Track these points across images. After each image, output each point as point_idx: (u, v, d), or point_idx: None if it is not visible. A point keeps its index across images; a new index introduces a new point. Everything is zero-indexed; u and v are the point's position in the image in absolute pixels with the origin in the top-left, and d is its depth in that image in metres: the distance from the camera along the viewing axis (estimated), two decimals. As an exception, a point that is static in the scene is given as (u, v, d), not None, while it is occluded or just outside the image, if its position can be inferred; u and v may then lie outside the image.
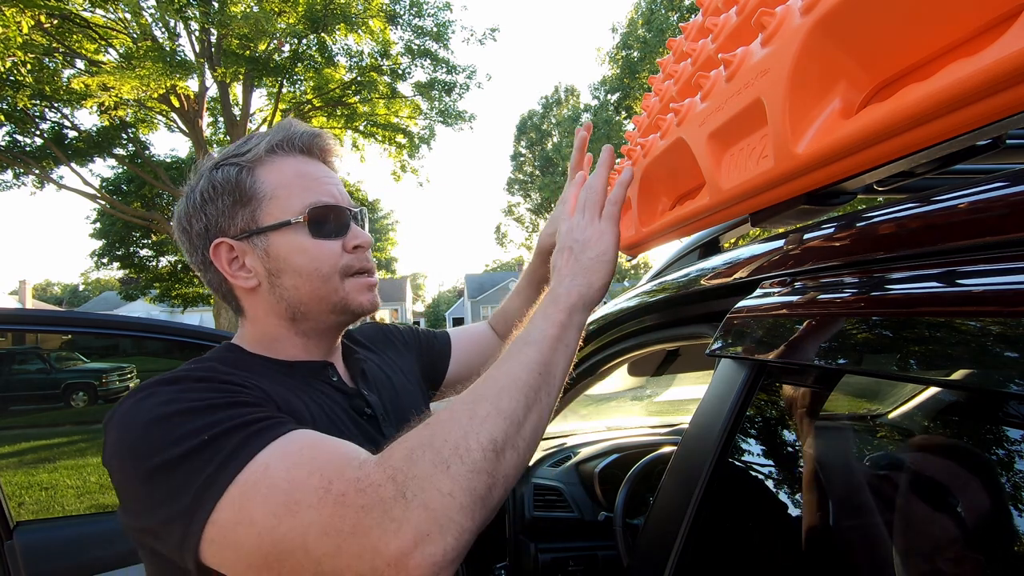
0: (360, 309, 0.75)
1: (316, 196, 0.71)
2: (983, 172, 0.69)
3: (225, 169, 0.70)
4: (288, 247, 0.70)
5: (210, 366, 0.65)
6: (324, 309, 0.73)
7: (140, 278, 17.48)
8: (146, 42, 9.57)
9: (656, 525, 0.68)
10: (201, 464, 0.49)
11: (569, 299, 0.65)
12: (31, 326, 1.91)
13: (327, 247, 0.71)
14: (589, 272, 0.67)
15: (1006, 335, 0.31)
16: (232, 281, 0.72)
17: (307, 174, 0.72)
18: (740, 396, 0.60)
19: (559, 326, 0.62)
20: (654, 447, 1.66)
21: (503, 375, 0.56)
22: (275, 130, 0.74)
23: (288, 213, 0.70)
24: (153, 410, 0.54)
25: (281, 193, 0.70)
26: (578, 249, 0.69)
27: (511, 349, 0.61)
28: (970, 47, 0.33)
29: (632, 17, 21.76)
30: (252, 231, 0.70)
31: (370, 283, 0.76)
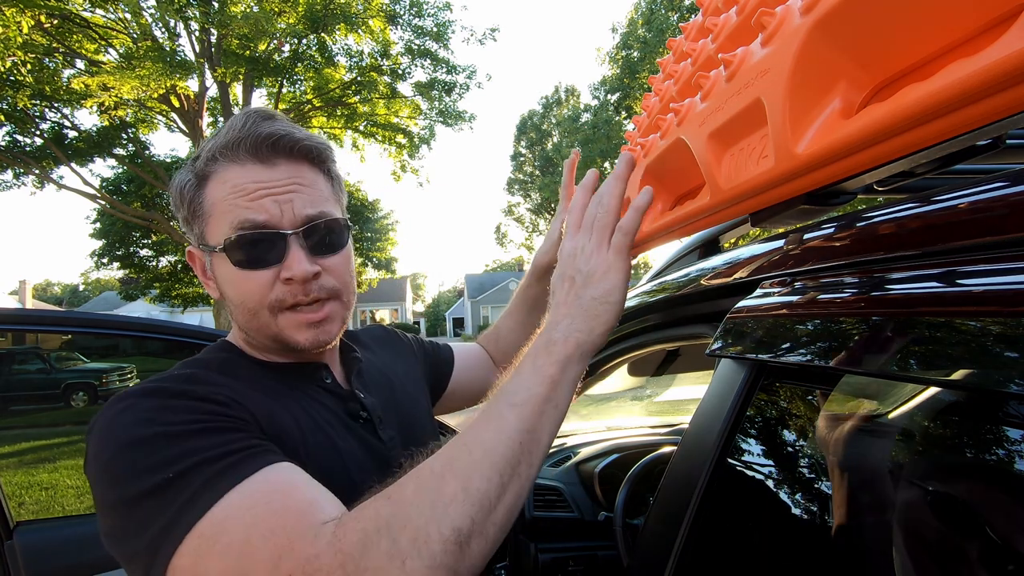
0: (296, 346, 0.66)
1: (244, 215, 0.62)
2: (983, 172, 0.69)
3: (182, 174, 0.67)
4: (219, 273, 0.66)
5: (193, 375, 0.61)
6: (264, 339, 0.67)
7: (140, 278, 17.48)
8: (146, 42, 9.57)
9: (656, 525, 0.68)
10: (162, 506, 0.47)
11: (566, 348, 0.55)
12: (31, 326, 1.91)
13: (251, 279, 0.63)
14: (591, 315, 0.57)
15: (1006, 335, 0.31)
16: (207, 290, 0.70)
17: (243, 188, 0.62)
18: (740, 396, 0.60)
19: (550, 383, 0.53)
20: (654, 447, 1.66)
21: (478, 446, 0.49)
22: (225, 128, 0.65)
23: (217, 237, 0.63)
24: (126, 430, 0.51)
25: (217, 211, 0.64)
26: (580, 281, 0.59)
27: (492, 408, 0.52)
28: (970, 47, 0.33)
29: (632, 17, 21.77)
30: (203, 245, 0.67)
31: (309, 319, 0.66)
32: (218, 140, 0.64)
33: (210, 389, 0.58)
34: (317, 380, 0.73)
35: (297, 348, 0.67)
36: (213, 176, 0.64)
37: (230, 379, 0.63)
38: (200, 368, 0.64)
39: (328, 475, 0.60)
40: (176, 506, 0.46)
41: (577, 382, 0.57)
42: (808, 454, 0.50)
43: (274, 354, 0.71)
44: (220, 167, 0.64)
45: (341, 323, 0.71)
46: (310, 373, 0.73)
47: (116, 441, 0.51)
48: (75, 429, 6.51)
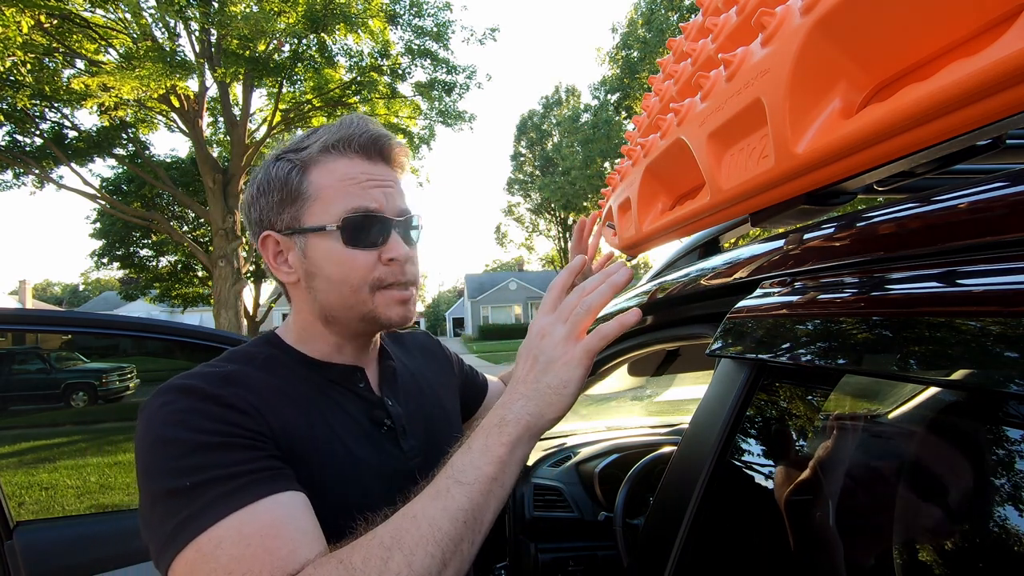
0: (389, 323, 0.73)
1: (357, 201, 0.69)
2: (983, 172, 0.69)
3: (280, 164, 0.71)
4: (321, 252, 0.70)
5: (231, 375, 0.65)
6: (353, 317, 0.72)
7: (140, 278, 17.49)
8: (146, 42, 9.56)
9: (656, 525, 0.68)
10: (177, 509, 0.53)
11: (516, 428, 0.58)
12: (31, 326, 1.91)
13: (359, 258, 0.70)
14: (544, 401, 0.60)
15: (1006, 335, 0.31)
16: (275, 272, 0.74)
17: (354, 177, 0.70)
18: (740, 396, 0.60)
19: (498, 463, 0.56)
20: (654, 447, 1.66)
21: (425, 521, 0.52)
22: (336, 126, 0.73)
23: (326, 218, 0.69)
24: (160, 427, 0.58)
25: (324, 195, 0.69)
26: (542, 366, 0.61)
27: (441, 483, 0.55)
28: (970, 47, 0.34)
29: (632, 17, 21.77)
30: (295, 229, 0.71)
31: (402, 297, 0.74)
32: (328, 135, 0.71)
33: (239, 394, 0.62)
34: (351, 383, 0.76)
35: (388, 324, 0.73)
36: (318, 165, 0.70)
37: (268, 376, 0.68)
38: (242, 364, 0.69)
39: (342, 484, 0.66)
40: (186, 514, 0.52)
41: (524, 461, 0.59)
42: (808, 454, 0.50)
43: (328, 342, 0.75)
44: (327, 158, 0.70)
45: (416, 308, 0.78)
46: (346, 375, 0.76)
47: (152, 434, 0.58)
48: (75, 429, 6.50)
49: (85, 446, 5.31)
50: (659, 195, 0.78)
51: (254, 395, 0.64)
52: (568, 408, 0.61)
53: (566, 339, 0.62)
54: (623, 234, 0.90)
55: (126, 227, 15.59)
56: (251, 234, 0.76)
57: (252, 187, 0.74)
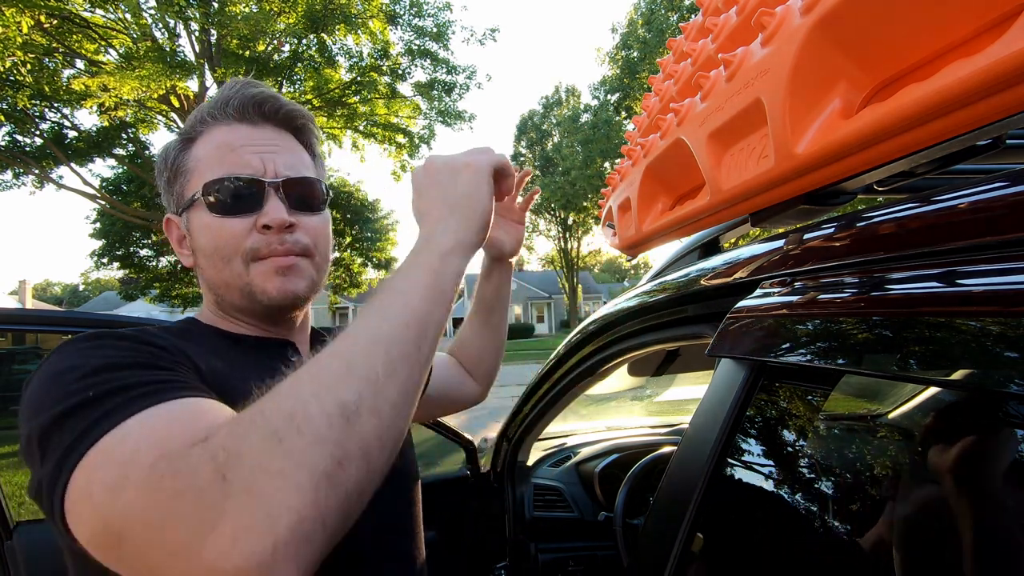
0: (266, 297, 0.65)
1: (227, 168, 0.64)
2: (983, 172, 0.69)
3: (168, 143, 0.69)
4: (195, 225, 0.66)
5: (147, 329, 0.59)
6: (234, 294, 0.66)
7: (140, 278, 17.49)
8: (146, 42, 9.57)
9: (656, 525, 0.68)
10: (76, 423, 0.44)
11: (445, 242, 0.55)
12: (31, 326, 1.91)
13: (228, 226, 0.63)
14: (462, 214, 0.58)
15: (1006, 335, 0.31)
16: (180, 258, 0.71)
17: (228, 143, 0.65)
18: (740, 396, 0.60)
19: (432, 273, 0.53)
20: (654, 447, 1.66)
21: (363, 332, 0.47)
22: (219, 92, 0.69)
23: (196, 189, 0.65)
24: (54, 366, 0.49)
25: (200, 167, 0.65)
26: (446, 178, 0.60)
27: (375, 300, 0.50)
28: (970, 47, 0.34)
29: (632, 17, 21.77)
30: (179, 207, 0.67)
31: (278, 265, 0.65)
32: (205, 105, 0.67)
33: (161, 339, 0.56)
34: (282, 356, 0.69)
35: (265, 300, 0.65)
36: (200, 137, 0.66)
37: (186, 342, 0.60)
38: (154, 328, 0.62)
39: None
40: (88, 421, 0.43)
41: (459, 277, 0.56)
42: (808, 454, 0.50)
43: (242, 321, 0.70)
44: (207, 128, 0.66)
45: (311, 283, 0.69)
46: (276, 348, 0.70)
47: (39, 380, 0.49)
48: (75, 429, 6.49)
49: None
50: (659, 195, 0.78)
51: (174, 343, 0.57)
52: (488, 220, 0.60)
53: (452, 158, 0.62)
54: (623, 234, 0.90)
55: (126, 227, 15.59)
56: None
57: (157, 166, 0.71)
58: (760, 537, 0.55)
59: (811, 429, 0.51)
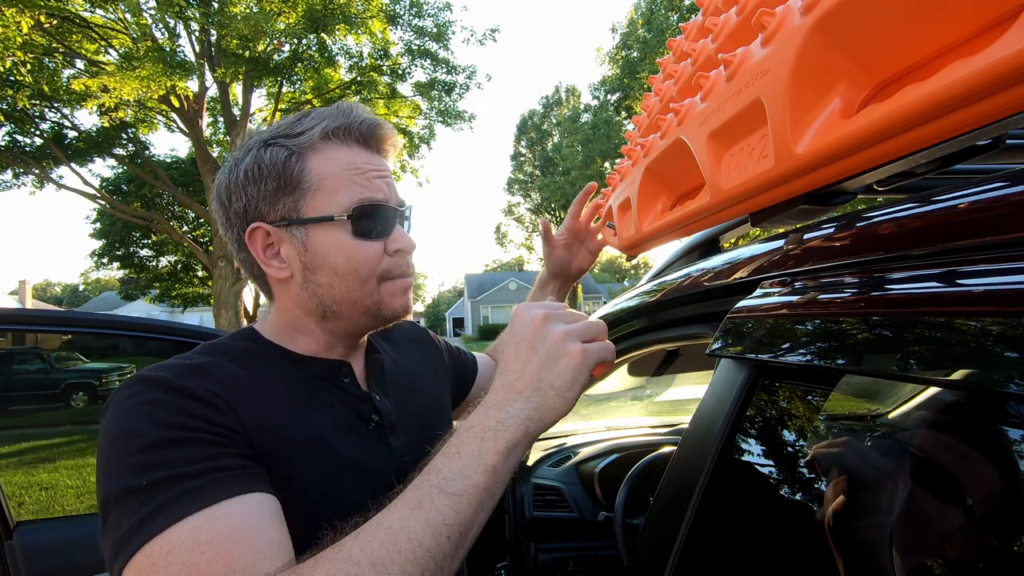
0: (393, 315, 0.72)
1: (365, 192, 0.67)
2: (983, 172, 0.69)
3: (274, 150, 0.66)
4: (327, 244, 0.66)
5: (201, 366, 0.61)
6: (356, 312, 0.70)
7: (140, 278, 17.50)
8: (146, 42, 9.55)
9: (656, 525, 0.68)
10: (131, 511, 0.48)
11: (515, 433, 0.52)
12: (31, 326, 1.91)
13: (368, 248, 0.67)
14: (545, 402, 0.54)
15: (1006, 335, 0.31)
16: (264, 268, 0.69)
17: (358, 167, 0.68)
18: (740, 396, 0.60)
19: (491, 473, 0.50)
20: (654, 447, 1.66)
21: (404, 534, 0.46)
22: (333, 113, 0.69)
23: (332, 208, 0.66)
24: (124, 419, 0.53)
25: (328, 185, 0.66)
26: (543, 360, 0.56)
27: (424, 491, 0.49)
28: (970, 47, 0.33)
29: (632, 17, 21.77)
30: (292, 220, 0.66)
31: (405, 286, 0.72)
32: (328, 122, 0.68)
33: (207, 386, 0.58)
34: (336, 379, 0.72)
35: (391, 316, 0.71)
36: (318, 153, 0.67)
37: (241, 368, 0.64)
38: (215, 356, 0.65)
39: (324, 484, 0.62)
40: (139, 517, 0.47)
41: (515, 469, 0.53)
42: (808, 454, 0.50)
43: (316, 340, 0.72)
44: (327, 146, 0.67)
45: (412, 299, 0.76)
46: (331, 371, 0.72)
47: (113, 429, 0.53)
48: (75, 429, 6.49)
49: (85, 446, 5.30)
50: (659, 195, 0.78)
51: (224, 387, 0.59)
52: (568, 411, 0.56)
53: (567, 334, 0.57)
54: (623, 234, 0.90)
55: (126, 227, 15.60)
56: (227, 226, 0.70)
57: (235, 174, 0.68)
58: (760, 537, 0.55)
59: (811, 429, 0.51)
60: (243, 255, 0.70)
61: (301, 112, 0.71)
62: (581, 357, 0.56)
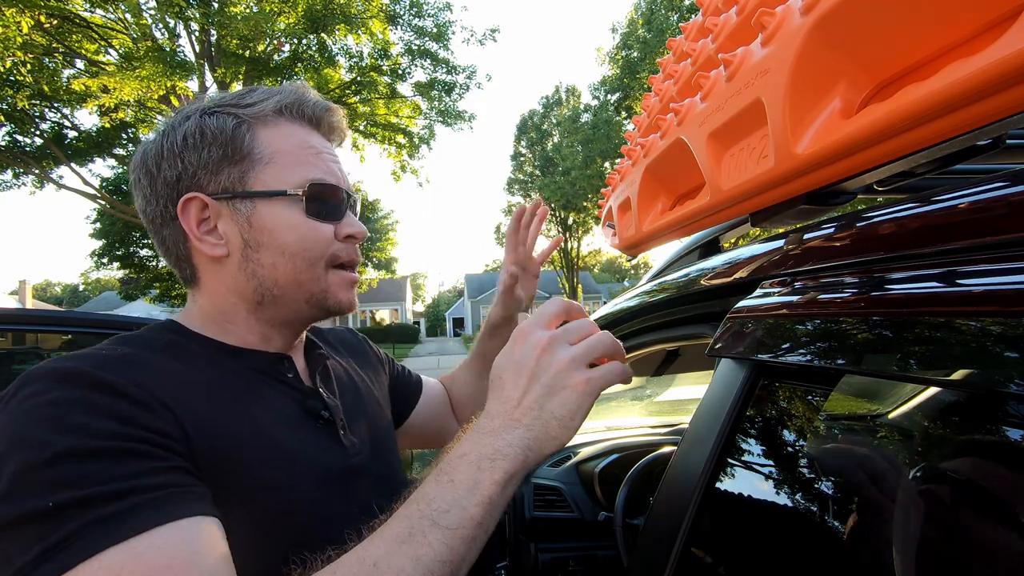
0: (337, 306, 0.67)
1: (319, 172, 0.64)
2: (983, 172, 0.69)
3: (221, 117, 0.62)
4: (276, 220, 0.62)
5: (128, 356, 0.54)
6: (299, 297, 0.65)
7: (140, 278, 17.49)
8: (146, 43, 9.56)
9: (656, 525, 0.68)
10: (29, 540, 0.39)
11: (513, 463, 0.48)
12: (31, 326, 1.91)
13: (320, 229, 0.64)
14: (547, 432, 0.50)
15: (1006, 335, 0.31)
16: (196, 244, 0.62)
17: (313, 146, 0.66)
18: (740, 396, 0.60)
19: (487, 505, 0.46)
20: (654, 447, 1.66)
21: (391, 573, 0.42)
22: (285, 91, 0.66)
23: (285, 183, 0.62)
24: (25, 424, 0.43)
25: (281, 159, 0.63)
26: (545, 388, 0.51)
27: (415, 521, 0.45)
28: (970, 47, 0.34)
29: (632, 17, 21.77)
30: (237, 193, 0.61)
31: (352, 279, 0.69)
32: (281, 97, 0.65)
33: (138, 380, 0.50)
34: (277, 373, 0.66)
35: (335, 309, 0.68)
36: (270, 126, 0.64)
37: (172, 361, 0.57)
38: (139, 348, 0.57)
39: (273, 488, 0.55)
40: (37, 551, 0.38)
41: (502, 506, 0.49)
42: (808, 454, 0.50)
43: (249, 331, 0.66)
44: (280, 120, 0.65)
45: None
46: (271, 363, 0.66)
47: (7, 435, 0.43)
48: (75, 429, 6.48)
49: None
50: (659, 195, 0.78)
51: (156, 381, 0.51)
52: (570, 440, 0.52)
53: (572, 361, 0.52)
54: (623, 234, 0.90)
55: (126, 227, 15.60)
56: (151, 197, 0.62)
57: (172, 138, 0.61)
58: (760, 537, 0.55)
59: (811, 429, 0.51)
60: (166, 232, 0.63)
61: (248, 87, 0.68)
62: (586, 387, 0.51)
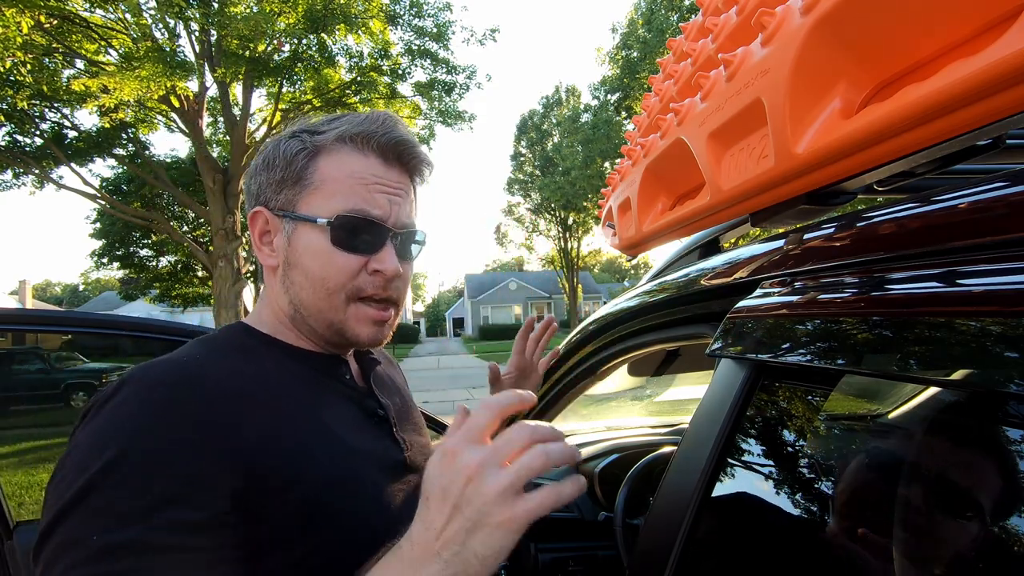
0: (355, 340, 0.68)
1: (360, 203, 0.65)
2: (983, 172, 0.69)
3: (292, 143, 0.67)
4: (306, 244, 0.65)
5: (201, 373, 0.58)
6: (321, 323, 0.67)
7: (140, 278, 17.50)
8: (146, 43, 9.55)
9: (656, 525, 0.68)
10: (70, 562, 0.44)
11: None
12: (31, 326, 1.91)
13: (342, 260, 0.65)
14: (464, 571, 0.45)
15: (1006, 335, 0.31)
16: (256, 251, 0.70)
17: (364, 177, 0.66)
18: (740, 396, 0.60)
19: None
20: (654, 447, 1.66)
21: None
22: (361, 119, 0.68)
23: (322, 211, 0.65)
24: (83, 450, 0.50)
25: (328, 187, 0.65)
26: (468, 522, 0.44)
27: None
28: (970, 47, 0.33)
29: (632, 17, 21.77)
30: (288, 213, 0.66)
31: (378, 316, 0.68)
32: (348, 126, 0.66)
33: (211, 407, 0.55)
34: (337, 374, 0.71)
35: (355, 341, 0.68)
36: (330, 154, 0.66)
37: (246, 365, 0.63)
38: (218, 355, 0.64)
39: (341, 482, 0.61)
40: None
41: None
42: (808, 454, 0.50)
43: (307, 339, 0.71)
44: (341, 149, 0.66)
45: (391, 331, 0.72)
46: (333, 365, 0.71)
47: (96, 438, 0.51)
48: (75, 429, 6.49)
49: None
50: (659, 195, 0.78)
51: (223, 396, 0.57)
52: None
53: (501, 494, 0.44)
54: (623, 234, 0.90)
55: (126, 227, 15.61)
56: (247, 206, 0.72)
57: (260, 158, 0.70)
58: (759, 537, 0.55)
59: (811, 429, 0.51)
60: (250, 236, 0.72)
61: (339, 113, 0.71)
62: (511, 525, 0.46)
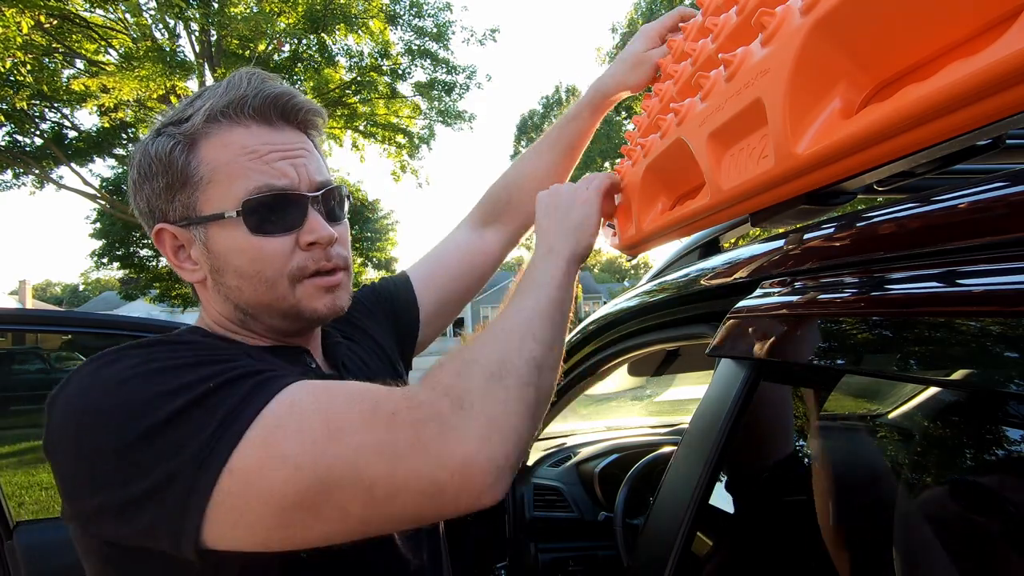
0: (315, 316, 0.63)
1: (261, 179, 0.57)
2: (983, 172, 0.69)
3: (160, 141, 0.58)
4: (226, 244, 0.58)
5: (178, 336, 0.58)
6: (274, 315, 0.62)
7: (140, 278, 17.48)
8: (146, 42, 9.55)
9: (656, 525, 0.68)
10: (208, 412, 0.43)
11: (564, 254, 0.67)
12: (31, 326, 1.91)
13: (270, 246, 0.58)
14: (573, 237, 0.69)
15: (1006, 335, 0.31)
16: (178, 271, 0.63)
17: (254, 150, 0.58)
18: (740, 396, 0.60)
19: (562, 273, 0.64)
20: (654, 447, 1.66)
21: (527, 307, 0.58)
22: (222, 89, 0.60)
23: (224, 203, 0.57)
24: (127, 371, 0.46)
25: (219, 175, 0.57)
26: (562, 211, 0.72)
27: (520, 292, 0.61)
28: (970, 47, 0.33)
29: (632, 17, 21.76)
30: (191, 219, 0.58)
31: (329, 283, 0.63)
32: (213, 101, 0.59)
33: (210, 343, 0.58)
34: (301, 364, 0.66)
35: (314, 318, 0.64)
36: (209, 139, 0.58)
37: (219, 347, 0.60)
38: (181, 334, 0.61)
39: None
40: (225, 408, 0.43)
41: (573, 283, 0.66)
42: (808, 454, 0.50)
43: (262, 336, 0.66)
44: (218, 129, 0.58)
45: (350, 294, 0.68)
46: (295, 356, 0.66)
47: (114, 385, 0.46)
48: (75, 429, 6.48)
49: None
50: (659, 195, 0.78)
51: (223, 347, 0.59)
52: (594, 240, 0.71)
53: (576, 188, 0.76)
54: (623, 234, 0.90)
55: (126, 227, 15.58)
56: (145, 227, 0.62)
57: (133, 170, 0.60)
58: (760, 537, 0.55)
59: (811, 429, 0.51)
60: None
61: (200, 90, 0.62)
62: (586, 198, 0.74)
